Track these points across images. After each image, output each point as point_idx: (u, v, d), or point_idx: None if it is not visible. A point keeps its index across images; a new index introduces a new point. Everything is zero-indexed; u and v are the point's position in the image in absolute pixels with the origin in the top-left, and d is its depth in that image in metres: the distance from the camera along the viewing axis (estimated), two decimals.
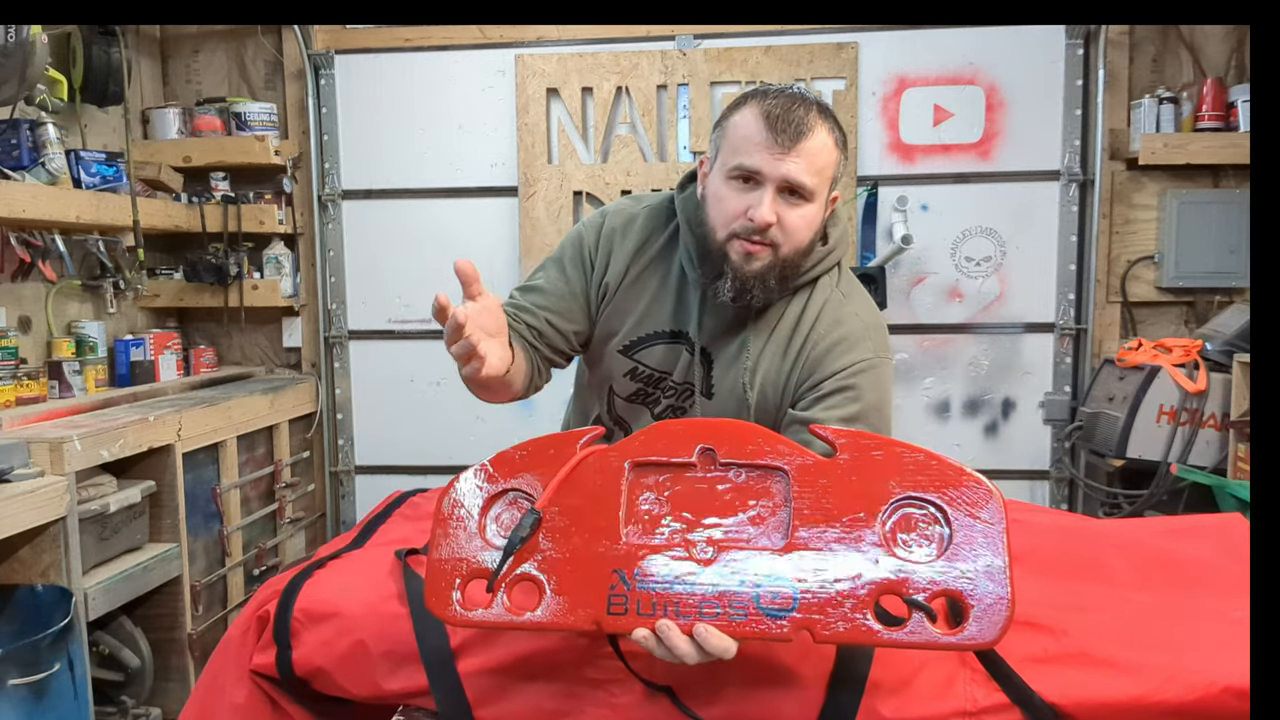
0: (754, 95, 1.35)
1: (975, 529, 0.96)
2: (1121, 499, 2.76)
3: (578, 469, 1.05)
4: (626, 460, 1.05)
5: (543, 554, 1.03)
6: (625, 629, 0.99)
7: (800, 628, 0.96)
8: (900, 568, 0.96)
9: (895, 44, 3.03)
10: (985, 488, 0.97)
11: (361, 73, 3.20)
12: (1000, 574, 0.94)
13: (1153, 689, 1.03)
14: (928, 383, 3.14)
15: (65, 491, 2.05)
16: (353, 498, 3.37)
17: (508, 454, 1.08)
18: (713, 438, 1.04)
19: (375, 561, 1.36)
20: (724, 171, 1.35)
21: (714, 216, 1.37)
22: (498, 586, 1.02)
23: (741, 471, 1.03)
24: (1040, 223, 3.05)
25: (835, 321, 1.43)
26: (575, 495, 1.04)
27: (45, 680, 1.97)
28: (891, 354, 1.45)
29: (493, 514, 1.06)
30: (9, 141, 2.45)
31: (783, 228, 1.33)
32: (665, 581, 0.99)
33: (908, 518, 0.98)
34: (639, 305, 1.49)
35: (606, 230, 1.51)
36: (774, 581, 0.97)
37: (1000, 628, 0.93)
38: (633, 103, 3.09)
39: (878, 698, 1.07)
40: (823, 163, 1.33)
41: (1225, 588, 1.23)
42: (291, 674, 1.23)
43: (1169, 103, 2.89)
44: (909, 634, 0.94)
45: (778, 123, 1.29)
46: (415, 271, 3.25)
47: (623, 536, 1.02)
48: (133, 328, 3.15)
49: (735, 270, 1.36)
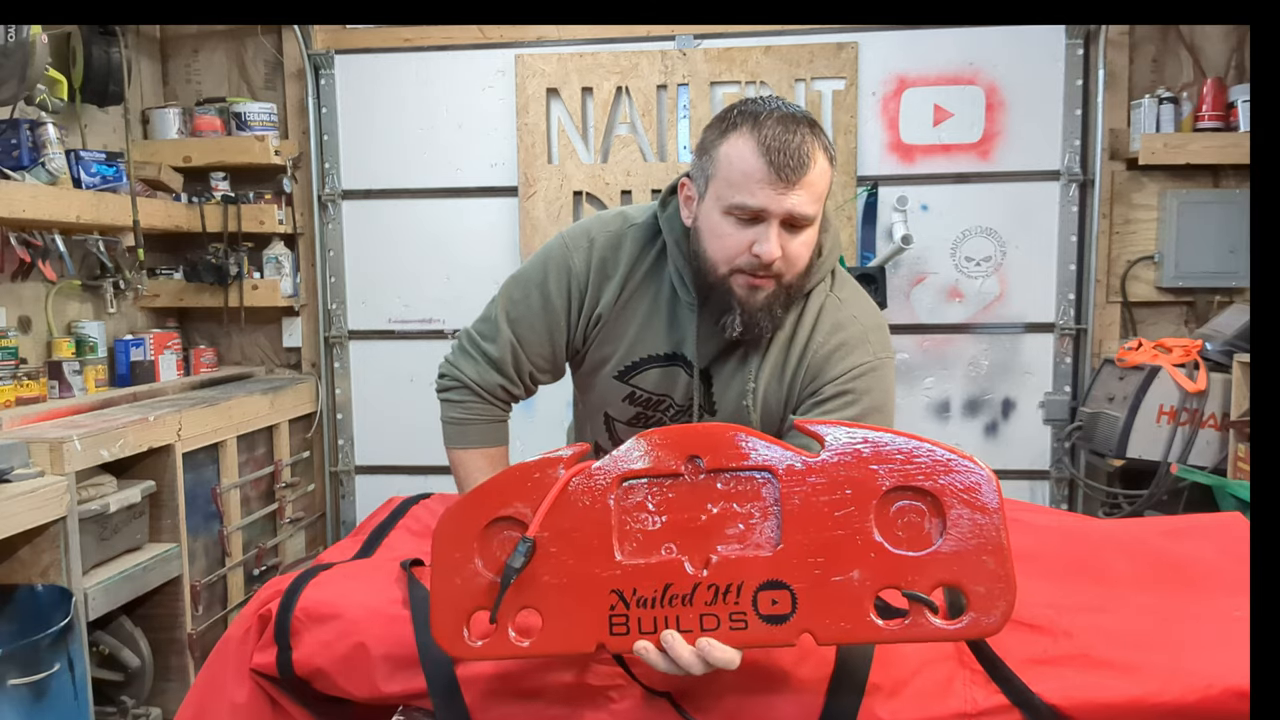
0: (745, 121, 1.29)
1: (970, 515, 0.94)
2: (1121, 499, 2.76)
3: (565, 491, 1.02)
4: (612, 477, 1.02)
5: (540, 581, 1.01)
6: (630, 648, 1.00)
7: (802, 631, 0.96)
8: (897, 561, 0.95)
9: (895, 44, 3.03)
10: (977, 470, 0.95)
11: (361, 73, 3.20)
12: (999, 559, 0.93)
13: (1153, 690, 1.03)
14: (928, 383, 3.14)
15: (65, 491, 2.05)
16: (353, 498, 3.37)
17: (493, 482, 1.05)
18: (697, 445, 1.01)
19: (378, 567, 1.37)
20: (721, 206, 1.30)
21: (714, 251, 1.33)
22: (500, 619, 1.01)
23: (729, 477, 1.01)
24: (1040, 223, 3.05)
25: (834, 327, 1.41)
26: (565, 518, 1.02)
27: (45, 680, 1.97)
28: (893, 353, 1.44)
29: (487, 544, 1.04)
30: (9, 141, 2.45)
31: (786, 258, 1.31)
32: (664, 598, 0.99)
33: (901, 509, 0.96)
34: (630, 329, 1.46)
35: (597, 260, 1.45)
36: (771, 587, 0.97)
37: (1003, 613, 0.92)
38: (633, 103, 3.09)
39: (877, 700, 1.06)
40: (822, 187, 1.31)
41: (1225, 588, 1.23)
42: (292, 674, 1.23)
43: (1169, 103, 2.89)
44: (912, 628, 0.93)
45: (778, 156, 1.25)
46: (415, 271, 3.25)
47: (617, 556, 1.00)
48: (133, 328, 3.15)
49: (742, 305, 1.33)
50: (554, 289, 1.46)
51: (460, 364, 1.53)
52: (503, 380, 1.51)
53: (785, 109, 1.30)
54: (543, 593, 1.01)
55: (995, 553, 0.93)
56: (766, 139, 1.26)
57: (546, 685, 1.13)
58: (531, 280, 1.48)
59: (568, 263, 1.45)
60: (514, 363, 1.50)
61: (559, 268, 1.46)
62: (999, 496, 0.94)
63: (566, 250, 1.46)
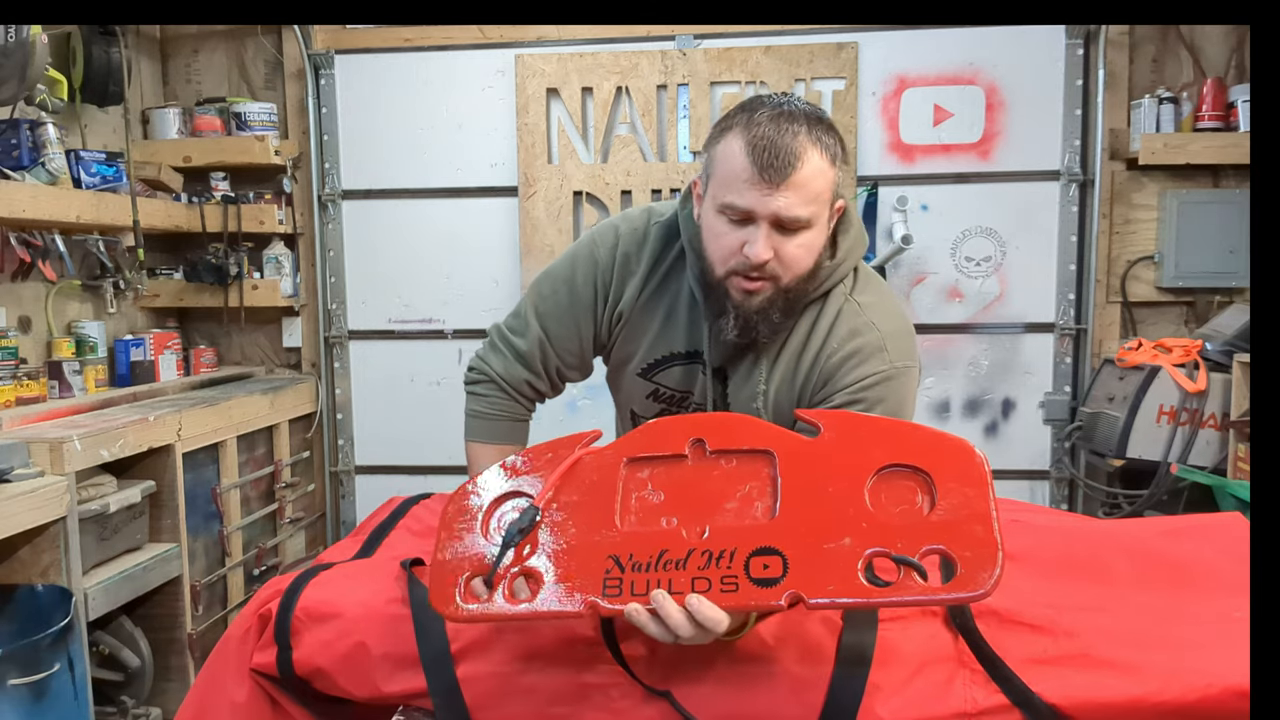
0: (740, 119, 1.28)
1: (959, 488, 0.96)
2: (1121, 499, 2.76)
3: (576, 468, 1.09)
4: (622, 457, 1.09)
5: (542, 547, 1.05)
6: (620, 610, 1.00)
7: (791, 594, 0.96)
8: (888, 530, 0.96)
9: (895, 44, 3.03)
10: (967, 449, 0.98)
11: (361, 73, 3.20)
12: (987, 525, 0.93)
13: (1153, 690, 1.03)
14: (928, 383, 3.14)
15: (65, 491, 2.05)
16: (353, 498, 3.37)
17: (511, 461, 1.13)
18: (703, 430, 1.08)
19: (378, 566, 1.37)
20: (715, 205, 1.30)
21: (711, 251, 1.32)
22: (497, 581, 1.03)
23: (732, 458, 1.06)
24: (1040, 223, 3.05)
25: (850, 333, 1.37)
26: (573, 492, 1.08)
27: (45, 680, 1.97)
28: (915, 361, 1.39)
29: (497, 515, 1.09)
30: (9, 141, 2.45)
31: (780, 260, 1.28)
32: (658, 562, 1.01)
33: (893, 485, 0.99)
34: (653, 327, 1.46)
35: (621, 255, 1.45)
36: (763, 553, 0.98)
37: (993, 577, 0.90)
38: (633, 103, 3.09)
39: (877, 700, 1.07)
40: (817, 189, 1.26)
41: (1225, 588, 1.23)
42: (292, 673, 1.23)
43: (1169, 103, 2.89)
44: (899, 589, 0.93)
45: (764, 156, 1.22)
46: (415, 271, 3.25)
47: (618, 525, 1.04)
48: (133, 328, 3.15)
49: (737, 308, 1.32)
50: (580, 282, 1.47)
51: (489, 358, 1.55)
52: (529, 375, 1.52)
53: (787, 106, 1.27)
54: (543, 558, 1.05)
55: (982, 521, 0.94)
56: (755, 137, 1.24)
57: (547, 684, 1.13)
58: (560, 276, 1.50)
59: (594, 256, 1.47)
60: (542, 358, 1.51)
61: (586, 261, 1.48)
62: (987, 473, 0.97)
63: (594, 245, 1.48)
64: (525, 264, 3.13)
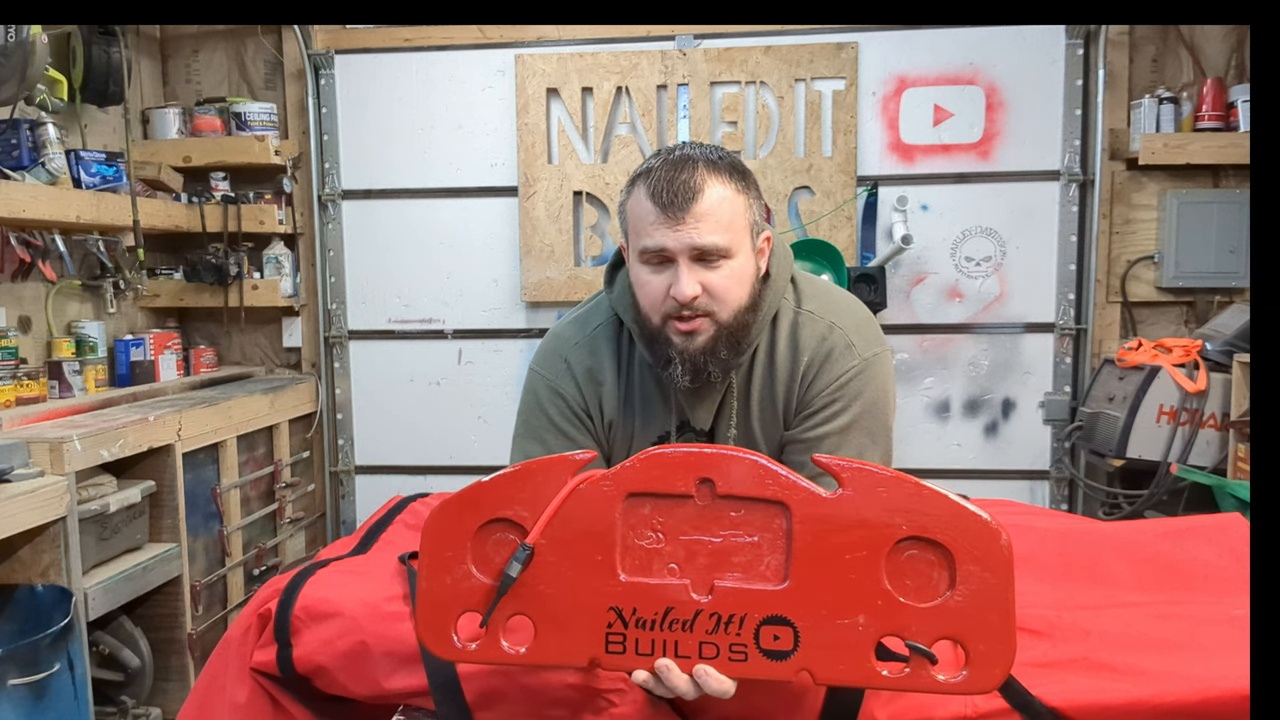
0: (641, 175, 1.32)
1: (980, 573, 0.93)
2: (1121, 499, 2.76)
3: (570, 500, 0.99)
4: (622, 491, 0.99)
5: (536, 590, 1.00)
6: (623, 667, 1.00)
7: (801, 669, 0.96)
8: (903, 613, 0.94)
9: (895, 44, 3.03)
10: (993, 531, 0.94)
11: (361, 73, 3.20)
12: (1007, 617, 0.93)
13: (1153, 692, 1.03)
14: (928, 383, 3.14)
15: (65, 491, 2.05)
16: (353, 498, 3.37)
17: (496, 480, 1.02)
18: (711, 469, 0.98)
19: (377, 564, 1.37)
20: (636, 256, 1.32)
21: (643, 301, 1.33)
22: (492, 626, 1.01)
23: (741, 506, 0.98)
24: (1040, 223, 3.05)
25: (819, 340, 1.38)
26: (568, 528, 0.99)
27: (45, 680, 1.97)
28: (884, 346, 1.40)
29: (481, 546, 1.02)
30: (9, 141, 2.45)
31: (712, 295, 1.28)
32: (664, 621, 0.98)
33: (912, 558, 0.95)
34: (637, 418, 1.45)
35: (581, 377, 1.43)
36: (774, 622, 0.96)
37: (1001, 673, 0.92)
38: (633, 103, 3.09)
39: (877, 703, 1.07)
40: (728, 216, 1.27)
41: (1225, 588, 1.23)
42: (292, 672, 1.23)
43: (1169, 103, 2.89)
44: (910, 678, 0.94)
45: (664, 194, 1.26)
46: (415, 271, 3.25)
47: (619, 573, 0.99)
48: (133, 328, 3.15)
49: (681, 352, 1.31)
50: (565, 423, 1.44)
51: None
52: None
53: (682, 151, 1.31)
54: (538, 601, 1.00)
55: (1001, 613, 0.93)
56: (655, 180, 1.28)
57: (548, 685, 1.13)
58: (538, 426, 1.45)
59: (560, 396, 1.44)
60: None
61: (552, 399, 1.44)
62: (1010, 559, 0.94)
63: (554, 386, 1.45)
64: (525, 264, 3.13)
